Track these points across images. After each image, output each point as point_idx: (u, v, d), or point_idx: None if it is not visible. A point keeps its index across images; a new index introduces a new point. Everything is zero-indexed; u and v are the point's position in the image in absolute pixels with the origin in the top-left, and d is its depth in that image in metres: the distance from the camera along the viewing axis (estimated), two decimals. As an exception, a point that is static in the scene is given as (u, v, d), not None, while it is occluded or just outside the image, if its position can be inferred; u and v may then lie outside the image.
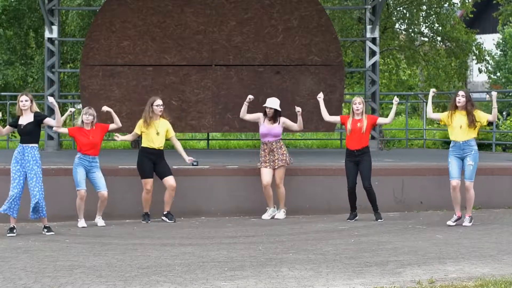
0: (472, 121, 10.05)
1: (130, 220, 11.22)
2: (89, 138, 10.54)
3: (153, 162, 10.91)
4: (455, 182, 10.13)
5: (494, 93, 10.37)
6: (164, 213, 11.04)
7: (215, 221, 11.16)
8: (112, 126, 10.86)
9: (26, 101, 9.86)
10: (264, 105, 11.25)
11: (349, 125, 10.66)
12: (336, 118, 11.14)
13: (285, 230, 10.03)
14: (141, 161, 10.94)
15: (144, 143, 10.99)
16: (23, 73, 21.51)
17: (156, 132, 10.91)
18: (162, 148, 11.02)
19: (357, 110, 10.67)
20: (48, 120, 10.11)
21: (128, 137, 11.34)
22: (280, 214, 11.22)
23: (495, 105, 10.21)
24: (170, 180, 10.93)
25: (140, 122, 11.02)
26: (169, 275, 7.03)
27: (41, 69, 20.50)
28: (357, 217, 10.85)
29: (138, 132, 11.04)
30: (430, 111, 10.66)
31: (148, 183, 10.89)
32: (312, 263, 7.53)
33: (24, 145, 9.82)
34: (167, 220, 10.98)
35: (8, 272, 7.28)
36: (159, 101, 11.00)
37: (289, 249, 8.45)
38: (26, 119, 9.88)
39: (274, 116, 11.15)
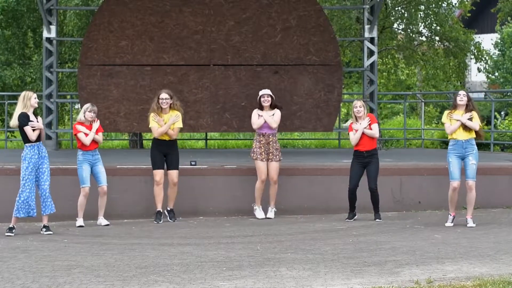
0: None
1: (129, 220, 11.23)
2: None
3: (164, 154, 10.87)
4: (456, 183, 10.07)
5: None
6: (168, 208, 11.05)
7: (213, 221, 11.16)
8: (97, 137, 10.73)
9: (35, 99, 9.92)
10: (261, 94, 11.17)
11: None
12: (350, 132, 10.77)
13: (283, 230, 10.03)
14: (152, 152, 10.92)
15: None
16: (21, 73, 21.44)
17: None
18: (173, 138, 10.96)
19: (359, 113, 10.68)
20: (43, 131, 10.05)
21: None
22: (271, 213, 11.24)
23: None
24: (172, 174, 10.88)
25: (152, 115, 10.81)
26: (167, 275, 7.03)
27: (39, 69, 20.44)
28: (356, 217, 10.85)
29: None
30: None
31: (158, 174, 10.82)
32: (311, 263, 7.53)
33: (39, 143, 9.88)
34: (168, 218, 10.98)
35: (6, 272, 7.28)
36: (163, 95, 10.83)
37: (287, 249, 8.45)
38: (35, 118, 9.91)
39: (271, 105, 11.14)
